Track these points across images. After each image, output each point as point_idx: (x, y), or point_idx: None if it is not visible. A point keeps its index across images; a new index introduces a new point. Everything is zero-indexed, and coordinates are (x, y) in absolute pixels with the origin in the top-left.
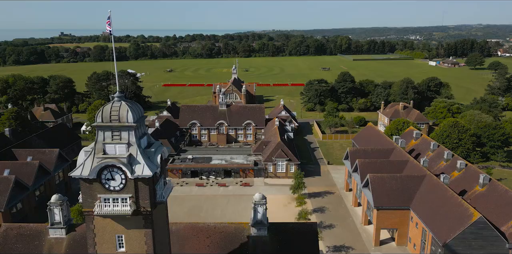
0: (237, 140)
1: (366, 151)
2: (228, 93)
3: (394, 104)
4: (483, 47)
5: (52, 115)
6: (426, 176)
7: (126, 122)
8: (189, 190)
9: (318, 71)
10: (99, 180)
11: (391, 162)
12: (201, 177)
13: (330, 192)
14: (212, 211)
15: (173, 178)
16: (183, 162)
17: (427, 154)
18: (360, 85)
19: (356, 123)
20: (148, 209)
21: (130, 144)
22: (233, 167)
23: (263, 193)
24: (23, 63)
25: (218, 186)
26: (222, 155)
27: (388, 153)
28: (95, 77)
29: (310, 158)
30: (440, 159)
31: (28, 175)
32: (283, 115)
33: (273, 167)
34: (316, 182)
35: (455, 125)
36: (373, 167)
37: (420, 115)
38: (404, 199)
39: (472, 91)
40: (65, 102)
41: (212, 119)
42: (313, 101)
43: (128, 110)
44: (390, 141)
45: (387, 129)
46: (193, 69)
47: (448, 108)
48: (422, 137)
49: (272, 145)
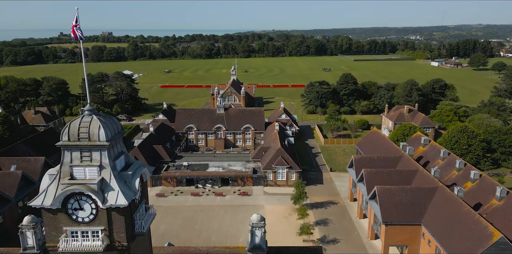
0: (235, 145)
1: (371, 159)
2: (227, 95)
3: (398, 107)
4: (485, 47)
5: (43, 119)
6: (438, 188)
7: (97, 141)
8: (184, 200)
9: (319, 72)
10: (65, 210)
11: (399, 172)
12: (196, 185)
13: (334, 202)
14: (208, 223)
15: (168, 186)
16: (178, 170)
17: (436, 162)
18: (362, 87)
19: (359, 127)
20: (124, 244)
21: (103, 166)
22: (231, 175)
23: (263, 202)
24: (20, 64)
25: (215, 195)
26: (219, 161)
27: (395, 161)
28: (89, 78)
29: (312, 164)
30: (451, 168)
31: (10, 186)
32: (283, 118)
33: (273, 174)
34: (318, 191)
35: (464, 130)
36: (380, 177)
37: (426, 119)
38: (414, 213)
39: (477, 93)
40: (58, 105)
41: (209, 123)
42: (314, 103)
43: (100, 126)
44: (396, 148)
45: (392, 134)
46: (192, 70)
47: (455, 111)
48: (430, 144)
49: (272, 151)
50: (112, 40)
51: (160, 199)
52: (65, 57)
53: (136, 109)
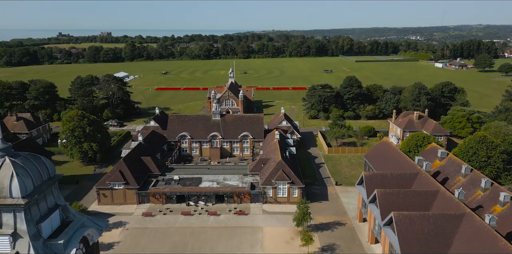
0: (232, 154)
1: (384, 176)
2: (224, 99)
3: (407, 114)
4: (489, 48)
5: (25, 126)
6: (466, 215)
7: (8, 198)
8: (173, 220)
9: (320, 74)
10: None
11: (417, 194)
12: (188, 202)
13: (341, 222)
14: (199, 249)
15: (156, 203)
16: (168, 184)
17: (457, 180)
18: (367, 90)
19: (365, 134)
20: None
21: (18, 235)
22: (226, 191)
23: (261, 223)
24: (15, 65)
25: (208, 215)
26: (214, 174)
27: (411, 179)
28: (78, 81)
29: (315, 176)
30: (475, 187)
31: None
32: (284, 125)
33: (272, 190)
34: (323, 209)
35: (482, 140)
36: (396, 200)
37: (438, 127)
38: (439, 245)
39: (486, 96)
40: (46, 110)
41: (204, 131)
42: (316, 108)
43: (14, 175)
44: (411, 163)
45: (404, 145)
46: (190, 71)
47: (468, 117)
48: (448, 157)
49: (271, 164)
50: (110, 40)
51: (147, 219)
52: (61, 57)
53: (128, 114)
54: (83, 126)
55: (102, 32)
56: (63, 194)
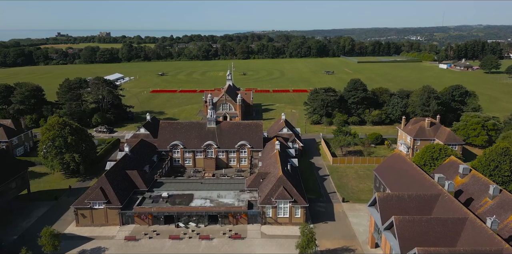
0: (228, 165)
1: (401, 198)
2: (221, 103)
3: (418, 120)
4: (494, 48)
5: (5, 134)
6: (503, 251)
7: None
8: (160, 246)
9: (321, 75)
10: None
11: (442, 222)
12: (177, 224)
13: (350, 248)
14: None
15: (142, 224)
16: (155, 203)
17: (484, 202)
18: (373, 94)
19: (371, 142)
20: None
21: None
22: (221, 211)
23: (260, 249)
24: (9, 66)
25: (199, 239)
26: (208, 190)
27: (432, 202)
28: (66, 84)
29: (319, 191)
30: (506, 212)
31: None
32: (284, 133)
33: (272, 210)
34: (329, 231)
35: (505, 153)
36: (417, 229)
37: (452, 135)
38: None
39: (495, 99)
40: (31, 115)
41: (198, 140)
42: (319, 112)
43: None
44: (429, 180)
45: (418, 158)
46: (187, 72)
47: (483, 124)
48: (471, 174)
49: (271, 179)
50: (108, 40)
51: (130, 244)
52: (57, 58)
53: (119, 119)
54: (64, 135)
55: (100, 32)
56: (39, 212)
